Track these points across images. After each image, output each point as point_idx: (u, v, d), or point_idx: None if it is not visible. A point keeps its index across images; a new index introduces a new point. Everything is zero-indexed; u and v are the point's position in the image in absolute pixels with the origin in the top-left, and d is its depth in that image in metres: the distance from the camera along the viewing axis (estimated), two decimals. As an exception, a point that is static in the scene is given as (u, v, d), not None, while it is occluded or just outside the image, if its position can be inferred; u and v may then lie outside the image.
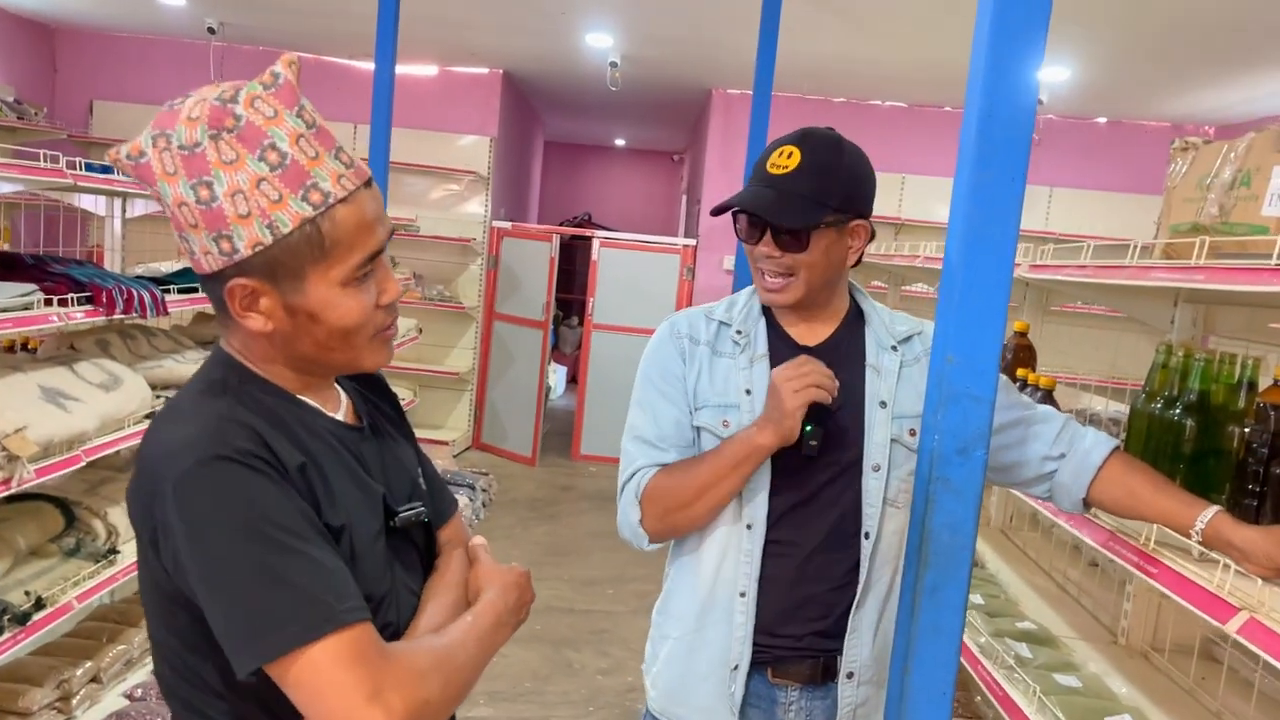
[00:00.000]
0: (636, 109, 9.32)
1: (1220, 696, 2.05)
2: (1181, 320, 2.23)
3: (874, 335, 1.77)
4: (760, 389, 1.71)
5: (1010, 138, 1.43)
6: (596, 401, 7.88)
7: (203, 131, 1.04)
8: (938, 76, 6.57)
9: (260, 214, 1.04)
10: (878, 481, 1.69)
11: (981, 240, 1.45)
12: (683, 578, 1.79)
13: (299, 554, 1.00)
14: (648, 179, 13.60)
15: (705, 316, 1.81)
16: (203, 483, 1.00)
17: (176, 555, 1.00)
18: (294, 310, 1.09)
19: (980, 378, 1.47)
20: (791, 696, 1.72)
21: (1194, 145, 2.09)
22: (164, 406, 1.16)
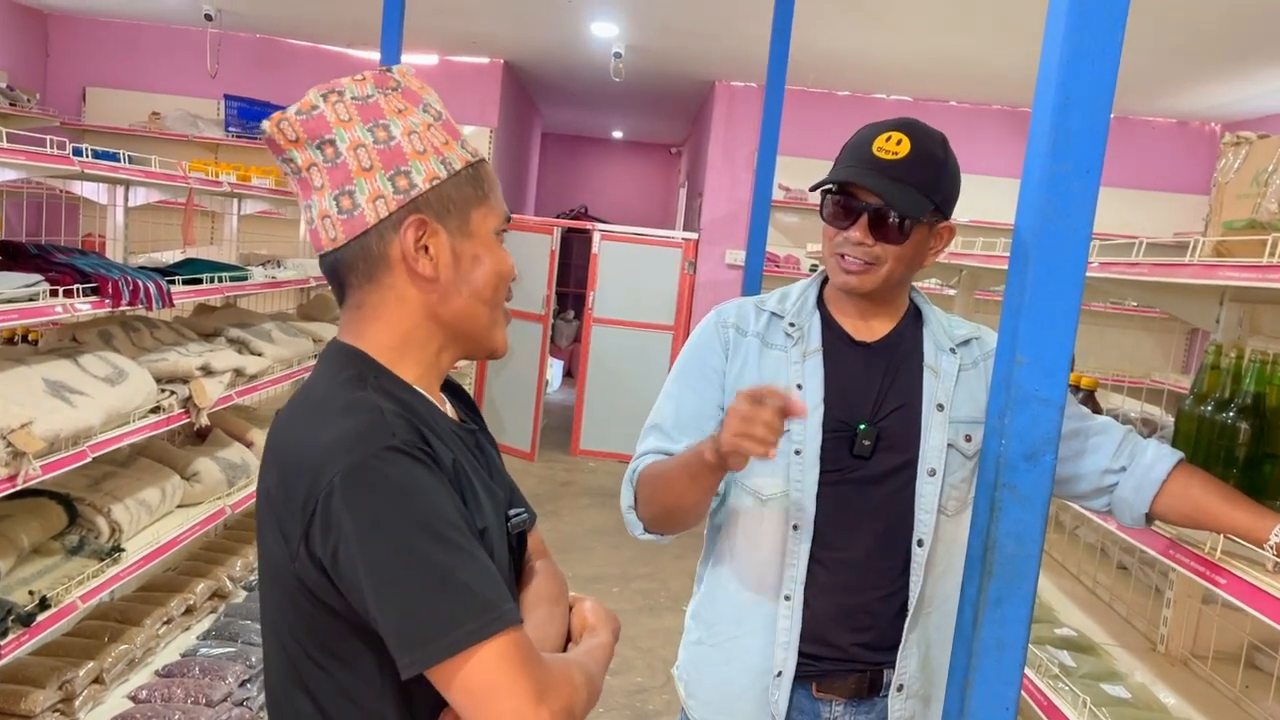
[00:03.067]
0: (637, 100, 9.24)
1: (1269, 706, 1.99)
2: (1227, 320, 2.17)
3: (932, 336, 1.71)
4: (813, 384, 1.65)
5: (1087, 128, 1.36)
6: (596, 396, 7.80)
7: (372, 87, 1.13)
8: (945, 71, 6.51)
9: (434, 151, 1.12)
10: (932, 487, 1.62)
11: (1054, 236, 1.38)
12: (719, 579, 1.72)
13: (466, 552, 0.99)
14: (644, 171, 13.51)
15: (756, 307, 1.75)
16: (375, 475, 0.98)
17: (338, 550, 0.98)
18: (459, 255, 1.14)
19: (1051, 380, 1.40)
20: (836, 712, 1.66)
21: (1247, 140, 2.03)
22: (297, 402, 1.13)
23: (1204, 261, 1.75)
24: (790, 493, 1.63)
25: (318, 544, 0.99)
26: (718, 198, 7.77)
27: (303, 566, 1.01)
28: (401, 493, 0.98)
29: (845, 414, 1.64)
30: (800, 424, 1.62)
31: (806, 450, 1.62)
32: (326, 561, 0.99)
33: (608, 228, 7.97)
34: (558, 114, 11.27)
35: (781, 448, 1.58)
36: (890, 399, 1.65)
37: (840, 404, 1.64)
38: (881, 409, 1.64)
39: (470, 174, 1.15)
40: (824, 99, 7.53)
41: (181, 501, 3.40)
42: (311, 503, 0.99)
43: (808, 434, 1.63)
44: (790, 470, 1.63)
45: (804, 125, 7.33)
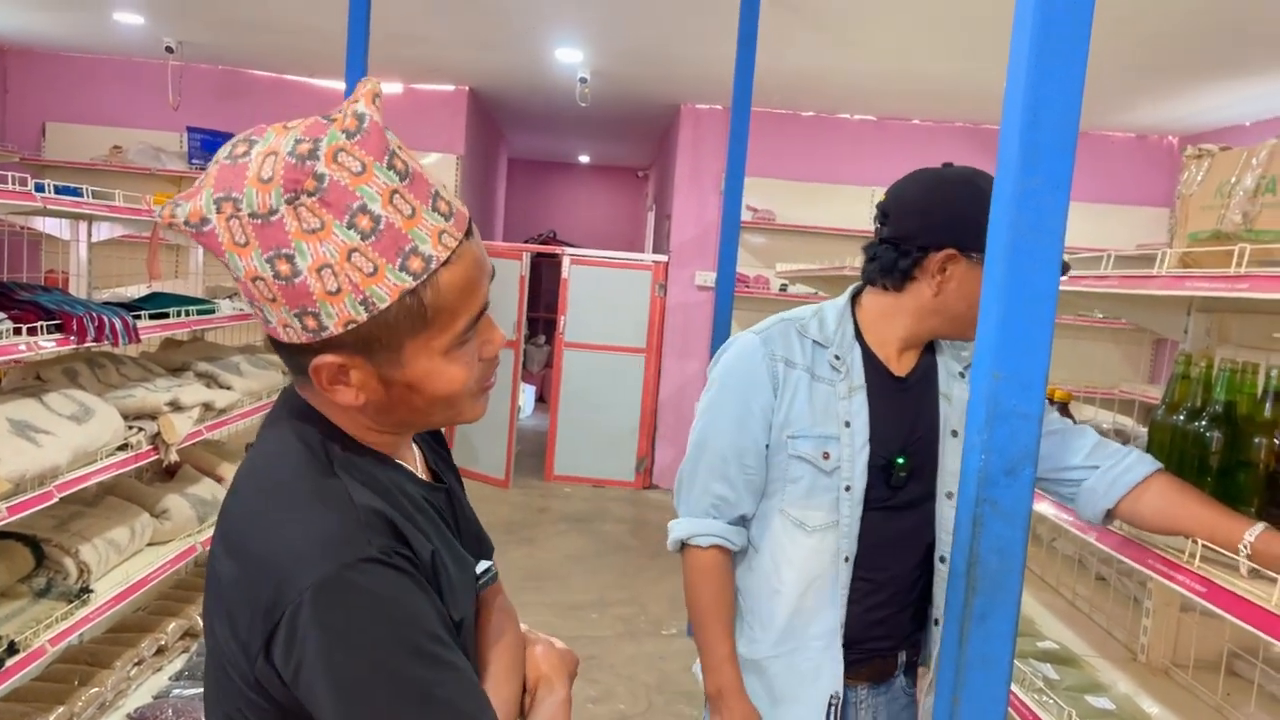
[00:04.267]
0: (603, 125, 9.27)
1: (1252, 712, 2.00)
2: (1195, 330, 2.19)
3: (944, 363, 1.79)
4: (859, 422, 1.72)
5: (1055, 143, 1.38)
6: (570, 421, 7.78)
7: (278, 196, 0.88)
8: (907, 89, 6.59)
9: (353, 289, 0.90)
10: (950, 508, 1.70)
11: (1027, 251, 1.39)
12: (759, 597, 1.78)
13: (446, 664, 0.90)
14: (612, 195, 13.55)
15: (799, 334, 1.76)
16: (349, 590, 0.87)
17: (301, 669, 0.87)
18: (390, 382, 0.97)
19: (1028, 394, 1.41)
20: (861, 695, 1.78)
21: (1208, 153, 2.06)
22: (256, 473, 1.00)
23: (1172, 273, 1.77)
24: (840, 524, 1.71)
25: (279, 657, 0.89)
26: (686, 220, 7.79)
27: (261, 673, 0.91)
28: (378, 609, 0.88)
29: (884, 448, 1.73)
30: (850, 460, 1.70)
31: (855, 486, 1.71)
32: (288, 676, 0.89)
33: (577, 252, 7.97)
34: (524, 140, 11.29)
35: (832, 482, 1.70)
36: (917, 430, 1.75)
37: (881, 439, 1.73)
38: (912, 440, 1.74)
39: (406, 305, 0.92)
40: (788, 119, 7.59)
41: (151, 540, 3.34)
42: (276, 613, 0.88)
43: (855, 471, 1.71)
44: (841, 505, 1.72)
45: (770, 146, 7.39)
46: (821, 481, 1.70)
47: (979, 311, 1.46)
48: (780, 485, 1.72)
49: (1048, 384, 1.42)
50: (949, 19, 4.87)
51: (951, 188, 1.71)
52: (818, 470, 1.70)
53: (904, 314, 1.74)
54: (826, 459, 1.70)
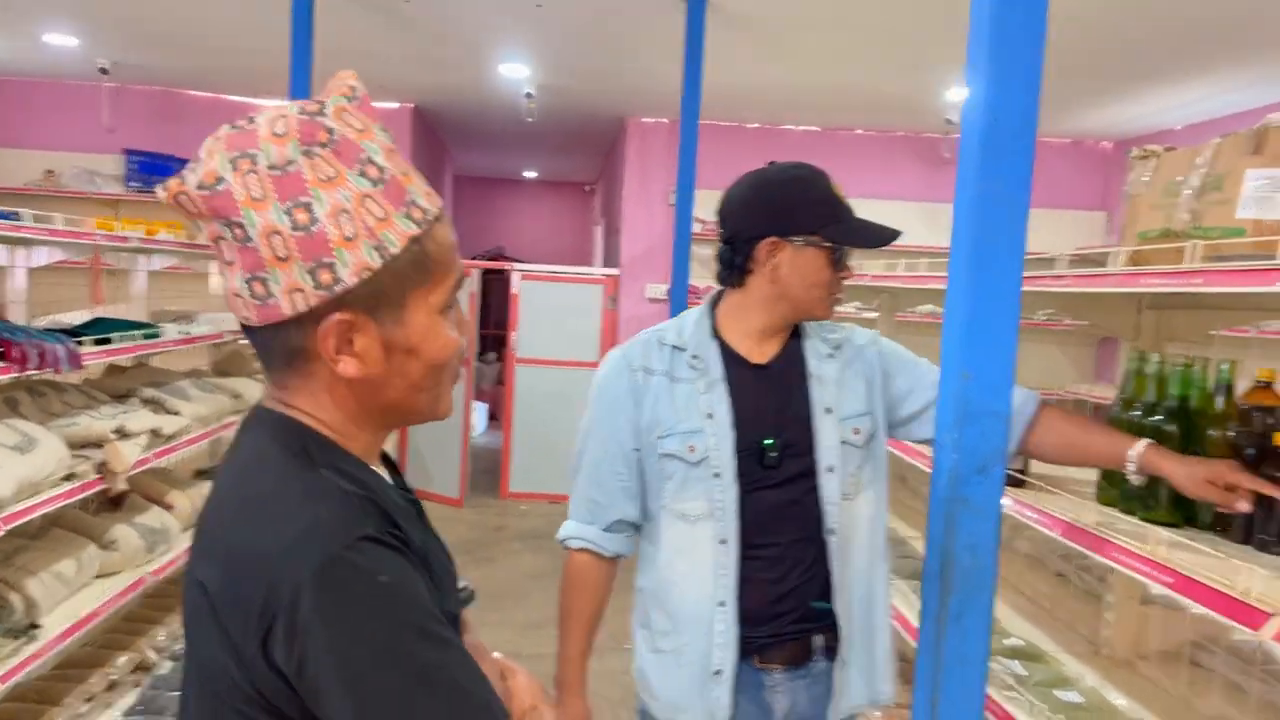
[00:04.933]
0: (549, 140, 9.27)
1: (1215, 702, 2.04)
2: (1146, 327, 2.24)
3: (811, 347, 1.88)
4: (721, 411, 1.82)
5: (1014, 148, 1.40)
6: (524, 438, 7.72)
7: (294, 148, 0.92)
8: (851, 100, 6.68)
9: (368, 234, 0.93)
10: (833, 481, 1.81)
11: (990, 253, 1.41)
12: (658, 591, 1.88)
13: (453, 647, 0.89)
14: (559, 210, 13.54)
15: (658, 342, 1.90)
16: (350, 571, 0.86)
17: (306, 661, 0.85)
18: (392, 347, 0.97)
19: (997, 393, 1.43)
20: (776, 679, 1.83)
21: (1154, 153, 2.11)
22: (235, 484, 0.99)
23: (1126, 270, 1.80)
24: (715, 511, 1.80)
25: (279, 653, 0.86)
26: (635, 233, 7.81)
27: (260, 677, 0.88)
28: (381, 588, 0.87)
29: (752, 432, 1.81)
30: (716, 449, 1.79)
31: (724, 472, 1.80)
32: (290, 672, 0.86)
33: (526, 267, 7.94)
34: (469, 157, 11.24)
35: (701, 472, 1.80)
36: (787, 411, 1.83)
37: (747, 424, 1.81)
38: (782, 422, 1.82)
39: (413, 253, 0.96)
40: (735, 131, 7.65)
41: (99, 572, 3.25)
42: (272, 608, 0.85)
43: (723, 457, 1.80)
44: (713, 492, 1.80)
45: (717, 158, 7.42)
46: (692, 473, 1.80)
47: (946, 315, 1.48)
48: (659, 484, 1.84)
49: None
50: (886, 33, 4.95)
51: (767, 183, 1.85)
52: (687, 464, 1.80)
53: (753, 306, 1.85)
54: (693, 451, 1.80)
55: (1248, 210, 1.77)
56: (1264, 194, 1.75)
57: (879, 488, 1.88)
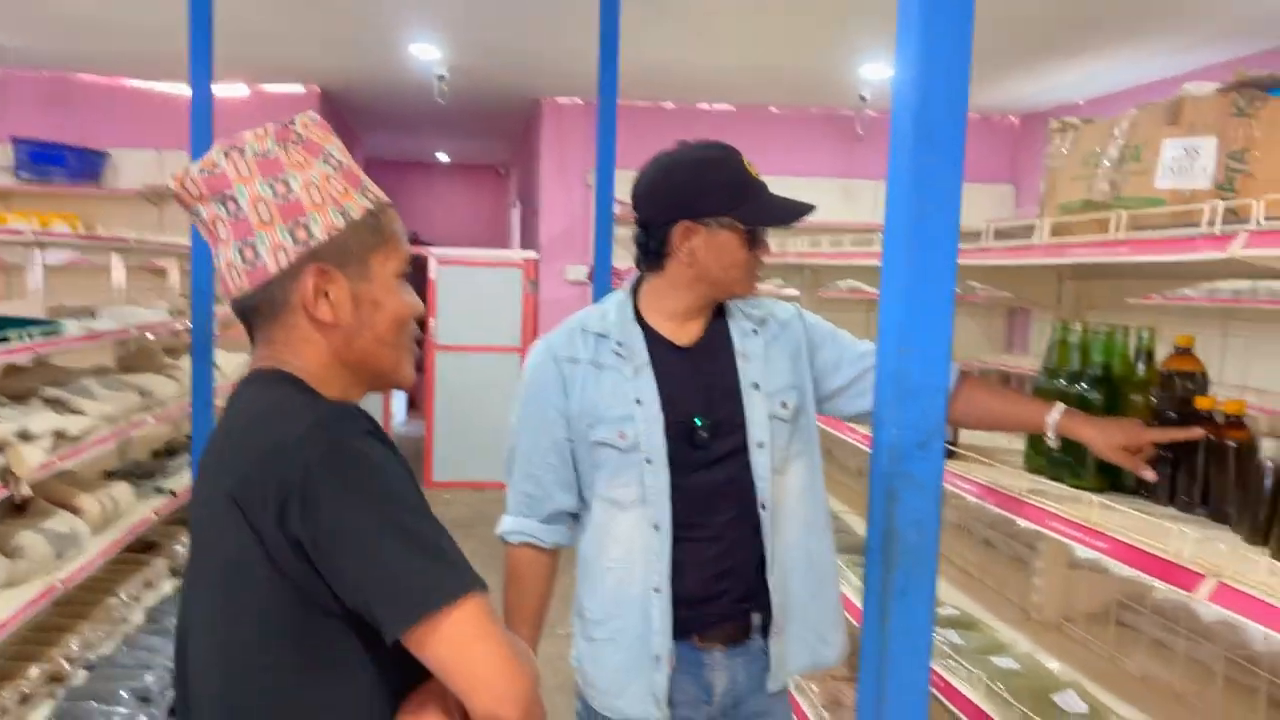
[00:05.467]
0: (462, 122, 9.11)
1: (1141, 660, 2.09)
2: (1067, 297, 2.28)
3: (736, 325, 1.89)
4: (649, 396, 1.81)
5: (947, 120, 1.40)
6: (446, 425, 7.62)
7: (273, 143, 1.20)
8: (766, 79, 6.70)
9: (333, 202, 1.18)
10: (764, 456, 1.82)
11: (926, 228, 1.41)
12: (594, 579, 1.87)
13: (436, 523, 1.09)
14: (474, 193, 13.35)
15: (582, 330, 1.88)
16: (352, 454, 1.07)
17: (319, 527, 1.03)
18: (359, 299, 1.20)
19: (936, 367, 1.43)
20: (716, 658, 1.84)
21: (1073, 125, 2.14)
22: (240, 418, 1.18)
23: (1052, 242, 1.83)
24: (647, 496, 1.79)
25: (295, 523, 1.04)
26: (554, 215, 7.73)
27: (276, 549, 1.05)
28: (378, 470, 1.07)
29: (681, 414, 1.81)
30: (646, 434, 1.79)
31: (655, 457, 1.79)
32: (306, 540, 1.04)
33: (442, 252, 7.81)
34: (380, 140, 11.00)
35: (633, 459, 1.79)
36: (715, 390, 1.84)
37: (676, 407, 1.82)
38: (710, 401, 1.83)
39: (370, 222, 1.21)
40: (652, 111, 7.62)
41: (7, 581, 3.10)
42: (288, 484, 1.04)
43: (653, 442, 1.79)
44: (645, 477, 1.80)
45: (635, 139, 7.36)
46: (624, 460, 1.80)
47: (883, 290, 1.47)
48: (592, 473, 1.84)
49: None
50: (800, 10, 4.97)
51: (676, 166, 1.84)
52: (618, 451, 1.80)
53: (673, 290, 1.85)
54: (623, 438, 1.79)
55: (1166, 180, 1.81)
56: (1181, 164, 1.78)
57: (810, 459, 1.90)
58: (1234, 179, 1.71)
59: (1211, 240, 1.37)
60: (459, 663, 1.04)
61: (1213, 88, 1.76)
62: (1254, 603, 1.27)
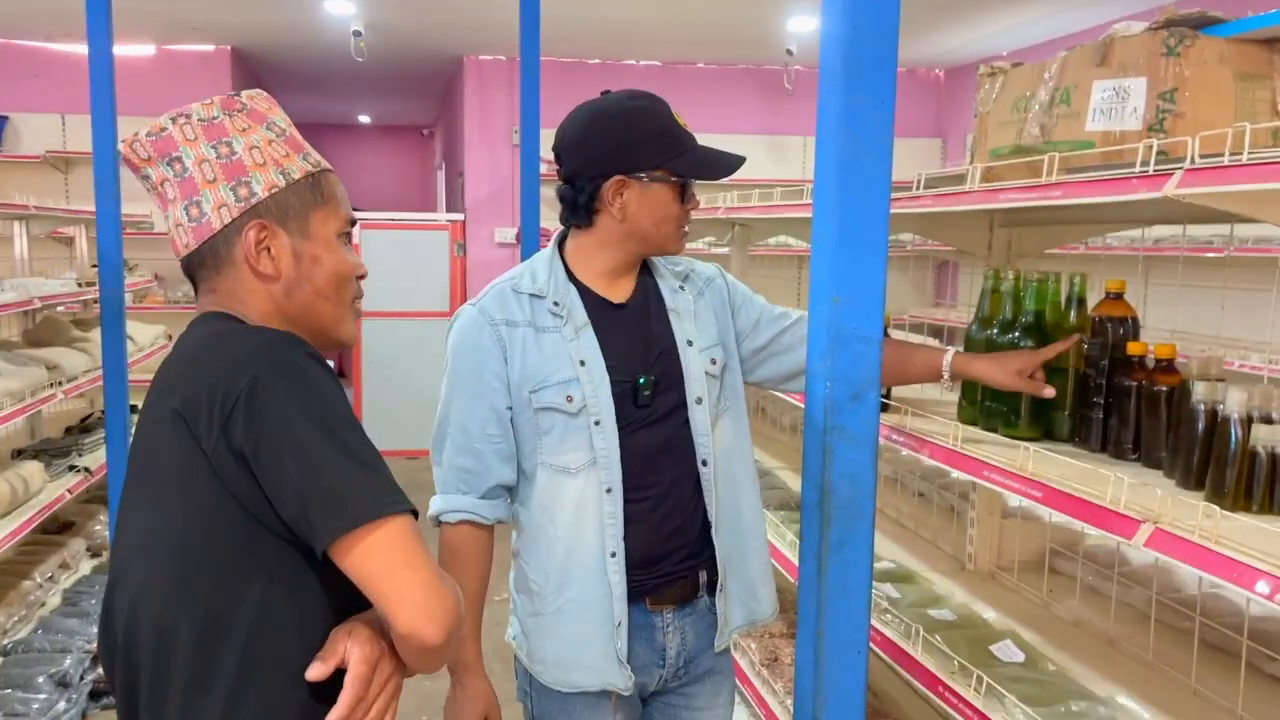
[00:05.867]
0: (383, 82, 8.87)
1: (1074, 606, 2.11)
2: (998, 244, 2.26)
3: (663, 282, 1.86)
4: (593, 356, 1.75)
5: (877, 56, 1.34)
6: (376, 393, 7.48)
7: (218, 109, 1.25)
8: (692, 34, 6.60)
9: (274, 163, 1.24)
10: (703, 413, 1.80)
11: (857, 170, 1.35)
12: (536, 550, 1.79)
13: (372, 446, 1.12)
14: (398, 155, 13.06)
15: (514, 291, 1.79)
16: (296, 370, 1.11)
17: (261, 437, 1.06)
18: (300, 255, 1.24)
19: (868, 316, 1.38)
20: (668, 619, 1.81)
21: (1002, 70, 2.11)
22: (185, 347, 1.22)
23: (984, 188, 1.79)
24: (598, 460, 1.73)
25: (239, 433, 1.07)
26: (480, 176, 7.57)
27: (220, 461, 1.08)
28: (321, 387, 1.10)
29: (624, 374, 1.76)
30: (593, 395, 1.72)
31: (604, 419, 1.73)
32: (248, 450, 1.07)
33: (366, 216, 7.61)
34: (297, 101, 10.64)
35: (581, 422, 1.73)
36: (654, 348, 1.80)
37: (620, 366, 1.76)
38: (650, 359, 1.78)
39: (310, 182, 1.25)
40: (576, 68, 7.48)
41: (-95, 570, 2.94)
42: (232, 396, 1.07)
43: (601, 403, 1.73)
44: (594, 440, 1.73)
45: (560, 95, 7.21)
46: (572, 424, 1.74)
47: (814, 239, 1.42)
48: (535, 441, 1.76)
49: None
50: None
51: (605, 115, 1.77)
52: (566, 415, 1.73)
53: (603, 246, 1.79)
54: (570, 401, 1.73)
55: (1096, 122, 1.78)
56: (1111, 105, 1.76)
57: (736, 414, 1.88)
58: (1164, 119, 1.69)
59: (1146, 180, 1.34)
60: (385, 577, 1.06)
61: (1142, 27, 1.74)
62: (1190, 547, 1.26)
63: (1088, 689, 1.71)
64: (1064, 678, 1.75)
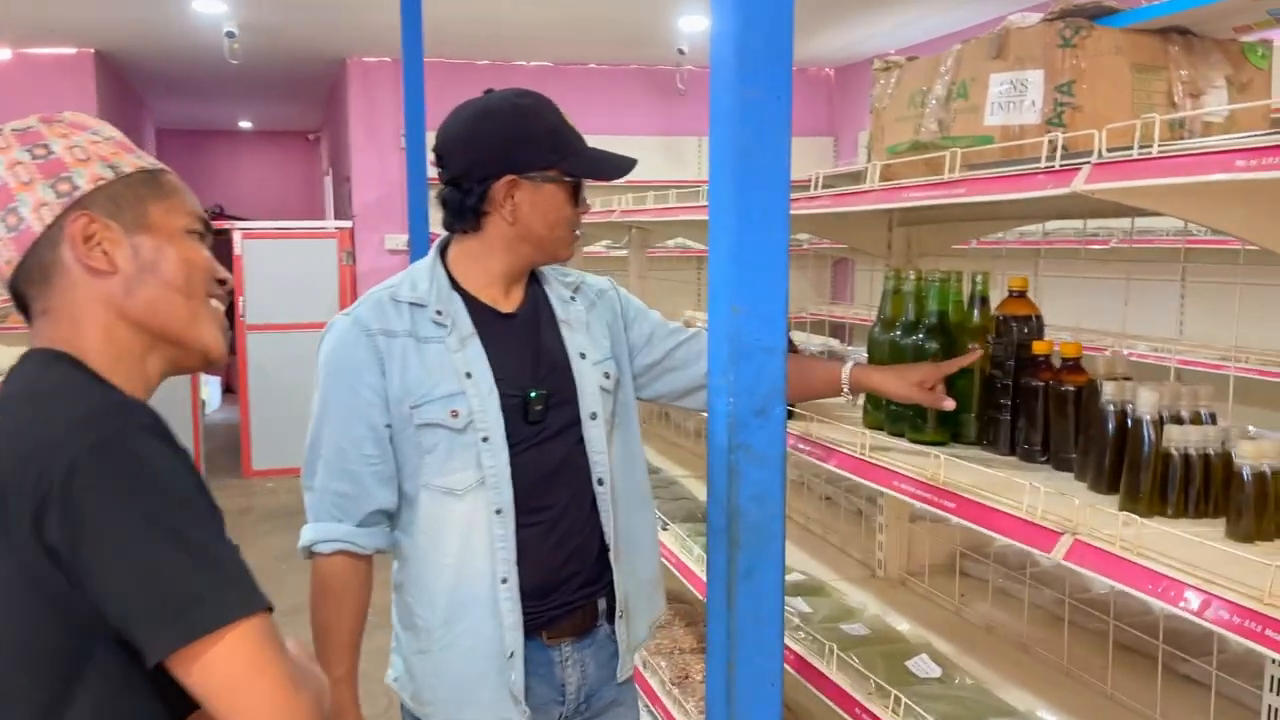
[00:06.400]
0: (262, 85, 8.52)
1: (987, 610, 2.06)
2: (898, 243, 2.21)
3: (553, 292, 1.77)
4: (480, 369, 1.64)
5: (771, 47, 1.26)
6: (264, 409, 7.17)
7: (35, 120, 1.11)
8: (582, 34, 6.50)
9: (100, 159, 1.09)
10: (598, 429, 1.71)
11: (754, 168, 1.26)
12: (422, 580, 1.67)
13: (218, 532, 0.97)
14: (282, 162, 12.61)
15: (392, 300, 1.66)
16: (123, 453, 0.94)
17: (80, 533, 0.91)
18: (139, 247, 1.08)
19: (771, 326, 1.29)
20: (566, 652, 1.70)
21: (896, 64, 2.05)
22: (11, 400, 1.04)
23: (884, 186, 1.73)
24: (487, 479, 1.62)
25: (53, 529, 0.91)
26: (367, 181, 7.33)
27: (31, 560, 0.92)
28: (154, 470, 0.94)
29: (514, 387, 1.66)
30: (481, 410, 1.61)
31: (492, 435, 1.62)
32: (64, 549, 0.91)
33: (249, 225, 7.30)
34: (171, 107, 10.19)
35: (468, 439, 1.60)
36: (545, 361, 1.70)
37: (509, 379, 1.66)
38: (541, 372, 1.68)
39: (145, 178, 1.11)
40: (464, 69, 7.28)
41: None
42: (45, 485, 0.91)
43: (489, 417, 1.62)
44: (482, 458, 1.62)
45: (448, 98, 7.01)
46: (458, 441, 1.62)
47: (710, 245, 1.32)
48: (417, 460, 1.63)
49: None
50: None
51: (493, 115, 1.68)
52: (451, 431, 1.61)
53: (493, 251, 1.69)
54: (456, 417, 1.61)
55: (995, 116, 1.73)
56: (1009, 98, 1.71)
57: (630, 431, 1.80)
58: (1063, 112, 1.64)
59: (1053, 175, 1.28)
60: (228, 694, 0.93)
61: (1038, 19, 1.69)
62: (1112, 560, 1.20)
63: (1007, 704, 1.66)
64: (982, 691, 1.69)
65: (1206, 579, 1.08)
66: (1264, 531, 1.26)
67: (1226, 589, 1.06)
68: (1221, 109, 1.59)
